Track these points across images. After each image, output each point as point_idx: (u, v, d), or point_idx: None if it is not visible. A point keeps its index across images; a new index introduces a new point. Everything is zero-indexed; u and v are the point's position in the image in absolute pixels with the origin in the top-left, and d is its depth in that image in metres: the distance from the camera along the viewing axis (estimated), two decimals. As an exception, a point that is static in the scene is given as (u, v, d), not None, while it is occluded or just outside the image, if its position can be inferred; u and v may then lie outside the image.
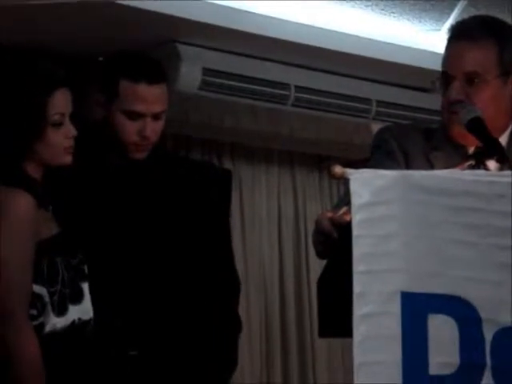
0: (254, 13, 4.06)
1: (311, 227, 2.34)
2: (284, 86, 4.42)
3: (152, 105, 2.84)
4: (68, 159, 2.57)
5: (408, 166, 2.38)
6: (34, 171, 2.55)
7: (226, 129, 4.68)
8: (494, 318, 1.98)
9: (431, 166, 2.37)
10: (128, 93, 2.82)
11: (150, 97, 2.83)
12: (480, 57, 2.38)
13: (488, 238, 1.99)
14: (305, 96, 4.49)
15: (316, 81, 4.52)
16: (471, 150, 2.41)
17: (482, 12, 3.95)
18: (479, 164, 2.28)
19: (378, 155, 2.45)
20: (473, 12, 4.01)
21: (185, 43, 4.12)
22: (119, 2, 3.68)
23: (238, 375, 4.69)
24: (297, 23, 4.17)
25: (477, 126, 2.33)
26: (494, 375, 1.97)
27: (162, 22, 3.88)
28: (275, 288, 5.06)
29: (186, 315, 2.88)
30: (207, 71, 4.17)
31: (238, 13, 3.99)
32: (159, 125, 2.88)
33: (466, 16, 2.61)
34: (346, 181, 1.99)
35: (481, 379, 1.97)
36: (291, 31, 4.14)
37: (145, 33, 3.96)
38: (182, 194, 2.93)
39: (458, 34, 2.43)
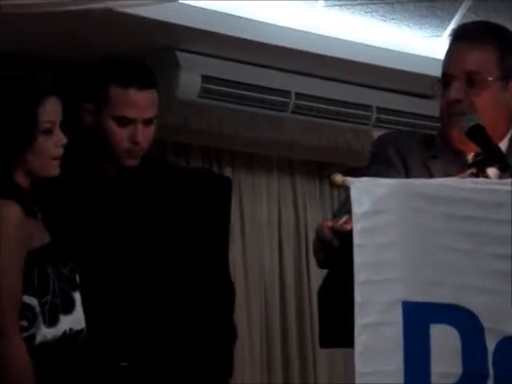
0: (254, 20, 4.05)
1: (312, 235, 2.33)
2: (284, 93, 4.41)
3: (143, 110, 2.81)
4: (56, 171, 2.56)
5: (407, 174, 2.37)
6: (22, 180, 2.54)
7: (225, 136, 4.66)
8: (497, 327, 1.98)
9: (430, 174, 2.36)
10: (118, 99, 2.79)
11: (140, 102, 2.80)
12: (481, 58, 2.38)
13: (489, 246, 1.98)
14: (305, 103, 4.48)
15: (316, 88, 4.52)
16: (470, 156, 2.39)
17: (483, 18, 3.93)
18: (480, 172, 2.26)
19: (376, 163, 2.44)
20: (473, 18, 4.00)
21: (184, 51, 4.12)
22: (118, 9, 3.67)
23: (239, 385, 4.68)
24: (297, 30, 4.16)
25: (478, 134, 2.32)
26: (497, 385, 1.96)
27: (161, 29, 3.88)
28: (276, 296, 5.04)
29: (179, 324, 2.86)
30: (207, 78, 4.16)
31: (237, 20, 3.98)
32: (150, 131, 2.86)
33: (466, 22, 2.60)
34: (346, 189, 1.98)
35: (483, 389, 1.96)
36: (291, 38, 4.13)
37: (144, 40, 3.95)
38: (179, 202, 2.91)
39: (459, 36, 2.43)
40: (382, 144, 2.48)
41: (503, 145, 2.42)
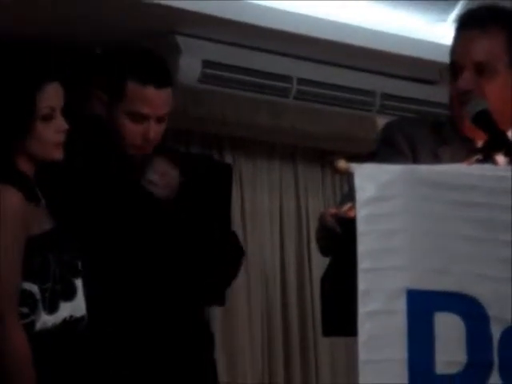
0: (256, 4, 4.02)
1: (313, 223, 2.33)
2: (286, 78, 4.38)
3: (157, 108, 2.83)
4: (58, 155, 2.54)
5: (415, 161, 2.36)
6: (25, 166, 2.53)
7: (226, 122, 4.65)
8: (502, 315, 1.97)
9: (439, 161, 2.35)
10: (135, 95, 2.81)
11: (157, 100, 2.83)
12: (489, 46, 2.37)
13: (495, 233, 1.98)
14: (307, 89, 4.45)
15: (319, 73, 4.48)
16: (480, 143, 2.38)
17: (489, 2, 3.90)
18: (487, 158, 2.25)
19: (384, 150, 2.43)
20: (479, 3, 3.96)
21: (184, 35, 4.09)
22: (118, -8, 3.65)
23: (240, 375, 4.68)
24: (299, 14, 4.13)
25: (484, 120, 2.31)
26: (502, 374, 1.97)
27: (161, 12, 3.85)
28: (277, 285, 5.03)
29: (186, 311, 2.87)
30: (207, 63, 4.13)
31: (238, 3, 3.95)
32: (162, 127, 2.88)
33: (471, 7, 2.58)
34: (350, 176, 1.96)
35: (488, 378, 1.96)
36: (293, 22, 4.10)
37: (144, 24, 3.92)
38: (182, 189, 2.89)
39: (466, 23, 2.43)
40: (390, 131, 2.47)
41: (512, 132, 2.42)
